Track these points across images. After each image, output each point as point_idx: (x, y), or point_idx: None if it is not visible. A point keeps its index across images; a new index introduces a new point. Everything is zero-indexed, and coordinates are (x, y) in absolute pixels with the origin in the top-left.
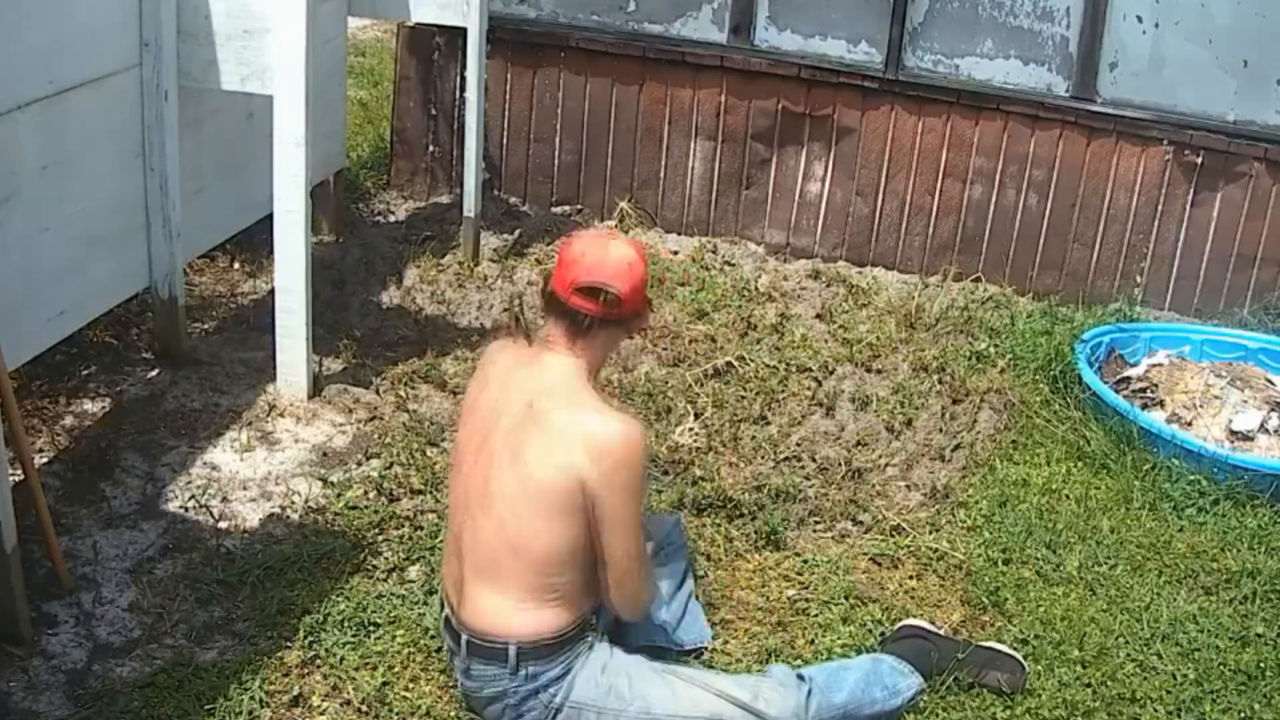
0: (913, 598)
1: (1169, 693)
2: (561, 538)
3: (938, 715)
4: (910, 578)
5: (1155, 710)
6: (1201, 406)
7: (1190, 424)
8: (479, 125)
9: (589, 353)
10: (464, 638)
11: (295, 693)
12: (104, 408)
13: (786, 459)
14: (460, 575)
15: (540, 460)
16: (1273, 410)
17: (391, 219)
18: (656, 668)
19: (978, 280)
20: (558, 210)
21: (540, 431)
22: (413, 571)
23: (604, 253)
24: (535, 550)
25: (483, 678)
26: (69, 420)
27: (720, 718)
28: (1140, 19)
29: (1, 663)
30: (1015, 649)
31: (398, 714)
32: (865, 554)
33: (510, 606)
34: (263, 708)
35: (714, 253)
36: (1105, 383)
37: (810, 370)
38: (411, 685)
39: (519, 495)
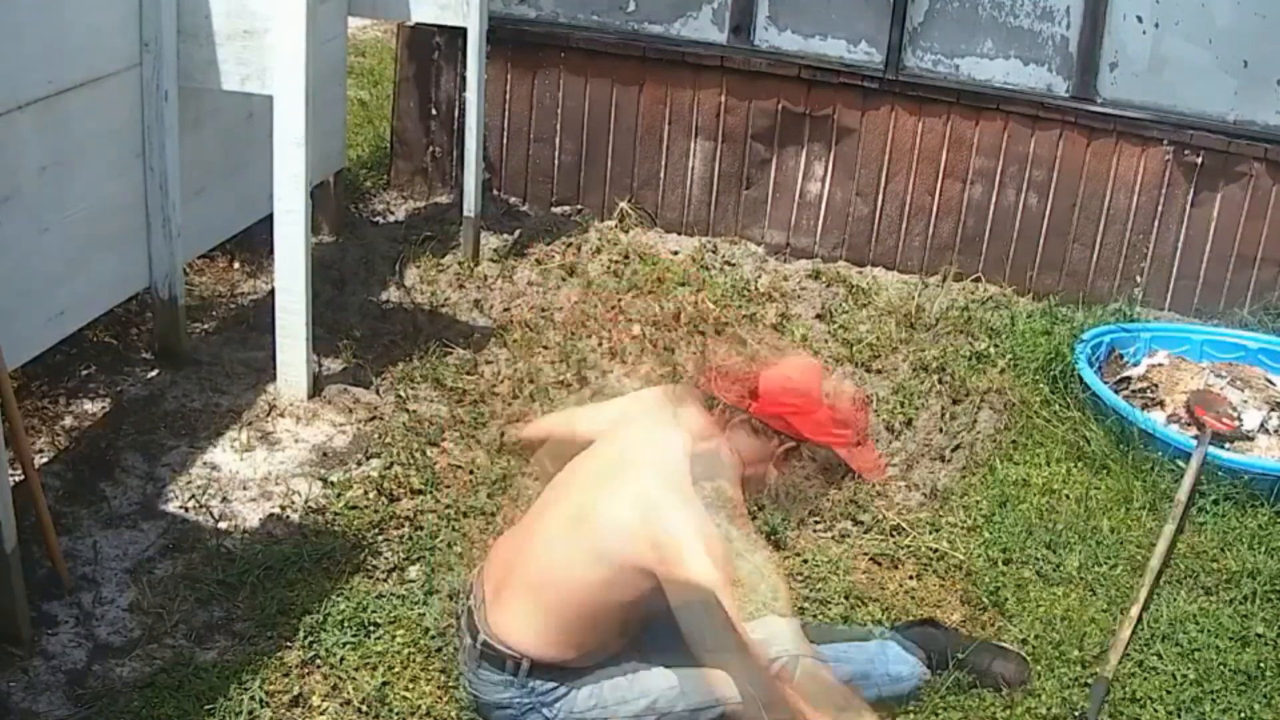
0: (913, 598)
1: (1169, 693)
2: (599, 596)
3: (938, 714)
4: (910, 578)
5: (1155, 710)
6: None
7: (1191, 424)
8: (479, 125)
9: (720, 445)
10: (481, 637)
11: (295, 693)
12: (104, 408)
13: None
14: (505, 575)
15: (611, 512)
16: (1273, 410)
17: (391, 219)
18: (657, 662)
19: (978, 280)
20: (558, 210)
21: (625, 487)
22: (413, 571)
23: (783, 371)
24: (577, 594)
25: (488, 682)
26: (69, 420)
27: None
28: (1140, 19)
29: (1, 663)
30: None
31: (398, 714)
32: (865, 554)
33: (539, 627)
34: (263, 708)
35: (714, 253)
36: (1105, 383)
37: None
38: (411, 685)
39: (589, 536)
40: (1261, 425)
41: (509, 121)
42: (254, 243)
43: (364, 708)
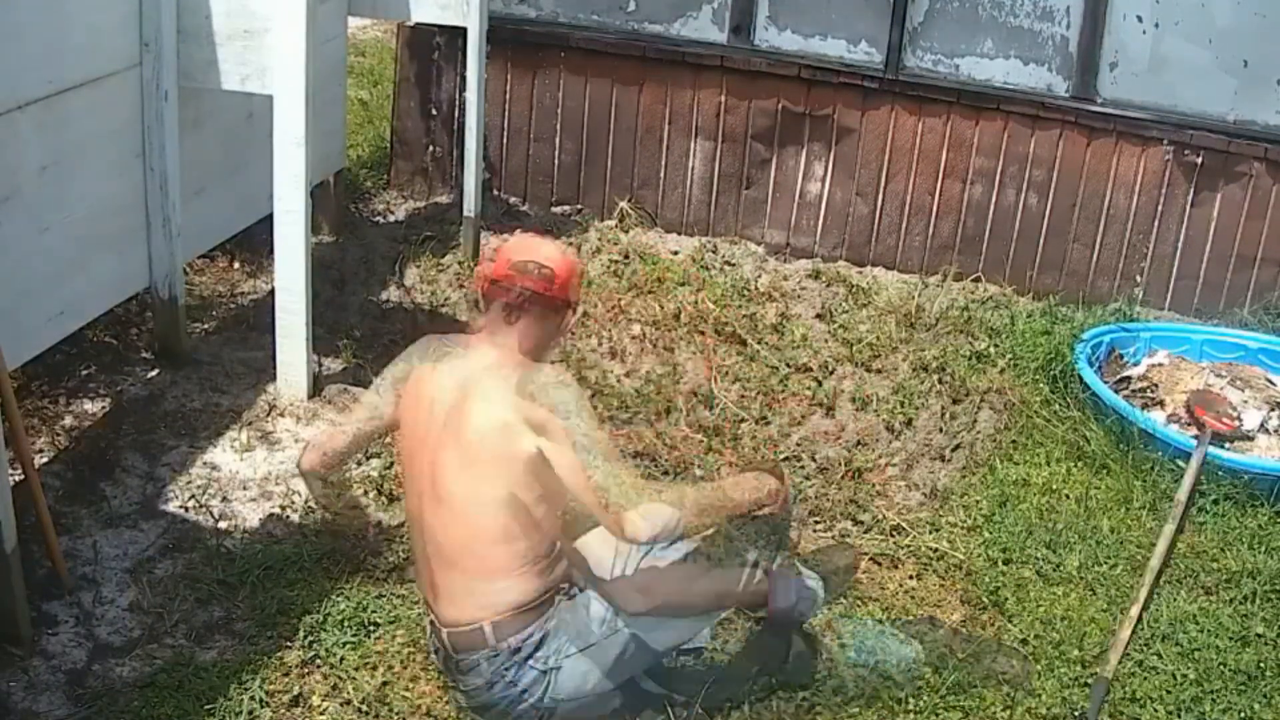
0: (913, 598)
1: (1169, 693)
2: (512, 499)
3: (938, 714)
4: (910, 578)
5: (1155, 710)
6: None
7: (1191, 424)
8: (479, 125)
9: (525, 335)
10: (445, 633)
11: (295, 693)
12: (104, 408)
13: (786, 459)
14: (431, 575)
15: (479, 425)
16: (1273, 410)
17: (391, 219)
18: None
19: (978, 280)
20: (558, 210)
21: (478, 400)
22: (412, 571)
23: (539, 242)
24: (489, 520)
25: (472, 668)
26: (69, 420)
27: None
28: (1140, 19)
29: (1, 663)
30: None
31: (398, 714)
32: (865, 554)
33: (480, 587)
34: (263, 708)
35: (714, 253)
36: (1105, 383)
37: (810, 370)
38: (411, 685)
39: (466, 469)
40: (1261, 425)
41: (509, 121)
42: (254, 243)
43: (364, 708)
